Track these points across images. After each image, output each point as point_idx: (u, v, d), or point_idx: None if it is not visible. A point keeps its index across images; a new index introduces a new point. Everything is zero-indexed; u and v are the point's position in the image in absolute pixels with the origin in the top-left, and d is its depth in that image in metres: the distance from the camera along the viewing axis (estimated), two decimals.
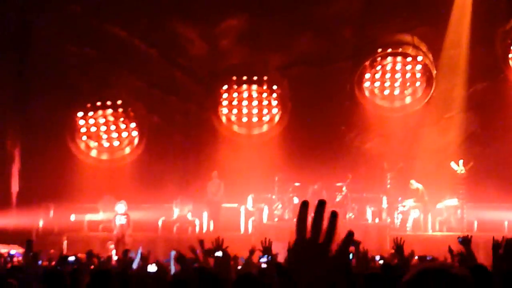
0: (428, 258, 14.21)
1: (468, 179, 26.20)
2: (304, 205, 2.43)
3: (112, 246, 23.82)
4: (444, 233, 25.32)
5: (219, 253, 9.53)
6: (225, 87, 29.24)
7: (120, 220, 24.60)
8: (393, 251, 13.07)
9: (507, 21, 28.40)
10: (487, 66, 28.35)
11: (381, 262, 13.65)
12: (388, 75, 29.18)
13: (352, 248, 11.34)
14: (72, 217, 26.44)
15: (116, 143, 29.70)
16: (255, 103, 29.57)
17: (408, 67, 28.98)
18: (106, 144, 29.65)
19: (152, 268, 8.34)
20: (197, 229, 26.78)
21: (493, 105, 28.33)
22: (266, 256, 10.30)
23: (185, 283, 7.24)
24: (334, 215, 2.41)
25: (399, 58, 28.98)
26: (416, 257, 12.22)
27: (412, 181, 26.13)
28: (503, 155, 27.70)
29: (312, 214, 2.40)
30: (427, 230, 25.64)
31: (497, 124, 28.10)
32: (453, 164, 26.26)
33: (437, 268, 2.64)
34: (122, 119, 29.46)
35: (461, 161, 26.26)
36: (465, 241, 9.56)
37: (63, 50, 28.98)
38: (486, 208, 25.95)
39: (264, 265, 11.23)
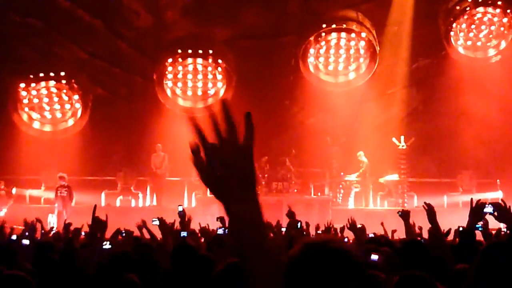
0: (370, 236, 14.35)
1: (409, 154, 26.60)
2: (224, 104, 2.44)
3: (54, 218, 23.71)
4: (385, 208, 25.72)
5: (156, 222, 9.60)
6: (170, 60, 29.10)
7: (62, 193, 24.47)
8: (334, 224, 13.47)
9: None
10: (429, 43, 28.67)
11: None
12: (332, 51, 29.33)
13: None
14: (13, 191, 26.17)
15: (59, 115, 29.44)
16: (200, 76, 29.52)
17: (352, 43, 29.15)
18: (49, 116, 29.36)
19: (106, 246, 8.26)
20: (141, 202, 26.80)
21: (435, 81, 28.73)
22: (223, 228, 10.51)
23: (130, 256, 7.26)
24: (248, 115, 2.43)
25: (343, 34, 29.09)
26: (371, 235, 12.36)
27: (361, 153, 26.41)
28: (444, 131, 28.15)
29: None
30: (368, 205, 26.00)
31: (438, 101, 28.50)
32: (394, 140, 26.62)
33: (318, 243, 2.61)
34: (65, 90, 29.16)
35: (402, 137, 26.63)
36: (404, 214, 9.79)
37: (6, 19, 28.54)
38: (426, 183, 26.40)
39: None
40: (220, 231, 10.55)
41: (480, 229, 8.86)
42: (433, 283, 4.44)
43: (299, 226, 10.98)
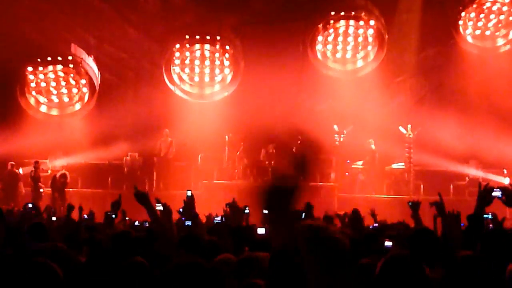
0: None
1: (416, 143, 26.54)
2: None
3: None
4: (391, 196, 25.68)
5: (159, 207, 9.47)
6: (178, 45, 29.07)
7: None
8: (339, 212, 13.53)
9: None
10: (438, 31, 28.58)
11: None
12: (340, 38, 29.26)
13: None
14: (21, 170, 26.30)
15: (66, 99, 29.44)
16: (207, 62, 29.49)
17: (361, 30, 29.06)
18: (56, 100, 29.36)
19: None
20: (147, 186, 26.80)
21: (443, 70, 28.63)
22: (220, 217, 10.45)
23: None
24: None
25: (352, 22, 29.03)
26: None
27: (371, 141, 26.40)
28: (452, 120, 28.04)
29: None
30: (374, 193, 25.94)
31: (446, 89, 28.42)
32: (401, 128, 26.56)
33: (313, 230, 2.55)
34: (72, 75, 29.15)
35: (409, 126, 26.57)
36: (414, 205, 9.77)
37: (14, 2, 28.50)
38: (432, 172, 26.33)
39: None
40: (218, 219, 10.45)
41: (490, 217, 8.78)
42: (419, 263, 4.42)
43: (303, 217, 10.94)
